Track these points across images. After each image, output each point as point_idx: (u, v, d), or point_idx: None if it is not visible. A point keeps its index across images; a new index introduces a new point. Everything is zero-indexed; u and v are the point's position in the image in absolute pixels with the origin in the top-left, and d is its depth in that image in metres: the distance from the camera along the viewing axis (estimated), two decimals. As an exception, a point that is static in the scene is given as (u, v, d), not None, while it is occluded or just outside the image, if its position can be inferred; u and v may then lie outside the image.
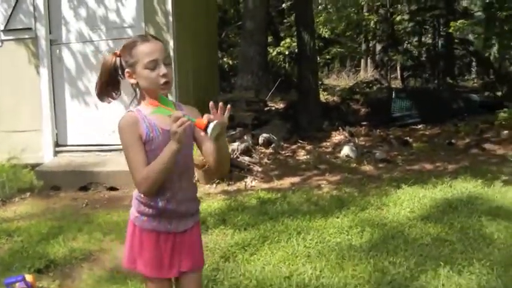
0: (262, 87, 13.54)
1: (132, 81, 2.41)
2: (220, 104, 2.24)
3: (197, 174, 6.90)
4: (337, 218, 5.17)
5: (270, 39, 17.39)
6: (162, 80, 2.34)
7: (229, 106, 2.25)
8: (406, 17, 15.40)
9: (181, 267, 2.52)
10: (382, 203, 5.60)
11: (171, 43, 7.26)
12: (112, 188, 6.67)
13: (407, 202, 5.54)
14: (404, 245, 4.38)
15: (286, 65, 21.01)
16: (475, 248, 4.26)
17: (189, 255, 2.53)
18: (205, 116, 2.22)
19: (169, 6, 7.25)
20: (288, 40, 17.19)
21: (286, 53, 17.64)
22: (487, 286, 3.66)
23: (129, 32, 7.28)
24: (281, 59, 19.49)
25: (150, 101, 2.36)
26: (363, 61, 21.67)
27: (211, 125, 2.18)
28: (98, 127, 7.30)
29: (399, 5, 16.44)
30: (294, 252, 4.37)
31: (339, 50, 20.31)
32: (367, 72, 20.29)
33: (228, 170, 4.14)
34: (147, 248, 2.47)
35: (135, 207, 2.50)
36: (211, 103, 2.22)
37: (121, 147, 2.41)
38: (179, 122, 2.19)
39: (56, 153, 7.37)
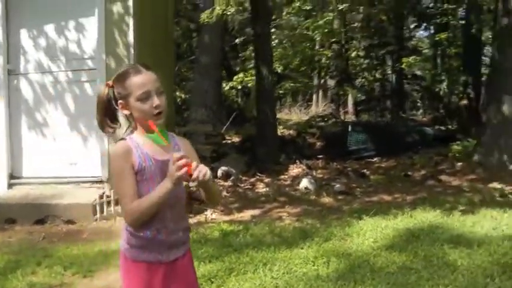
0: (216, 121, 13.62)
1: (126, 112, 2.39)
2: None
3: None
4: (302, 249, 5.16)
5: (222, 73, 17.49)
6: (155, 111, 2.32)
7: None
8: (361, 53, 15.79)
9: None
10: (345, 234, 5.63)
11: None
12: (69, 221, 6.50)
13: (370, 232, 5.59)
14: (371, 274, 4.39)
15: (239, 100, 21.25)
16: (440, 275, 4.31)
17: (182, 283, 2.50)
18: (195, 163, 2.24)
19: (130, 38, 7.21)
20: (241, 75, 17.32)
21: (239, 87, 17.77)
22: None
23: (89, 63, 7.22)
24: (234, 94, 19.66)
25: (149, 122, 2.32)
26: (314, 96, 22.01)
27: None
28: (56, 159, 7.13)
29: (354, 41, 16.85)
30: (262, 283, 4.33)
31: (291, 85, 20.59)
32: (318, 107, 20.63)
33: (220, 201, 4.24)
34: (139, 279, 2.41)
35: (124, 239, 2.44)
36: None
37: (78, 179, 2.38)
38: (180, 165, 2.19)
39: (10, 185, 7.14)
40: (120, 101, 2.37)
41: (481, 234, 5.37)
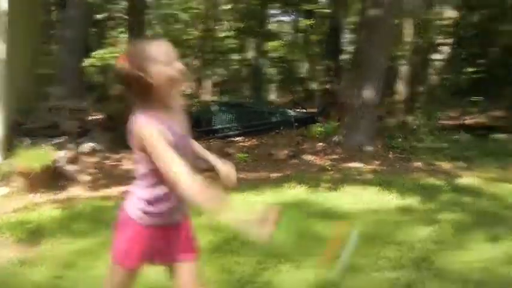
0: (79, 97, 13.21)
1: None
2: None
3: (19, 183, 6.59)
4: (176, 223, 5.23)
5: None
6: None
7: None
8: (230, 33, 16.00)
9: (178, 258, 2.52)
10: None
11: (2, 47, 6.80)
12: None
13: (240, 207, 5.76)
14: (245, 246, 4.57)
15: (98, 76, 20.74)
16: (310, 246, 4.60)
17: (185, 246, 2.54)
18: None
19: (4, 4, 6.79)
20: (101, 51, 16.89)
21: (99, 64, 17.40)
22: (322, 278, 3.98)
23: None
24: (93, 71, 19.16)
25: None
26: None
27: None
28: None
29: (226, 22, 17.02)
30: (139, 256, 4.35)
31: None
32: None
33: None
34: (146, 242, 2.44)
35: (138, 207, 2.42)
36: None
37: None
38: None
39: None
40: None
41: (344, 208, 5.77)
